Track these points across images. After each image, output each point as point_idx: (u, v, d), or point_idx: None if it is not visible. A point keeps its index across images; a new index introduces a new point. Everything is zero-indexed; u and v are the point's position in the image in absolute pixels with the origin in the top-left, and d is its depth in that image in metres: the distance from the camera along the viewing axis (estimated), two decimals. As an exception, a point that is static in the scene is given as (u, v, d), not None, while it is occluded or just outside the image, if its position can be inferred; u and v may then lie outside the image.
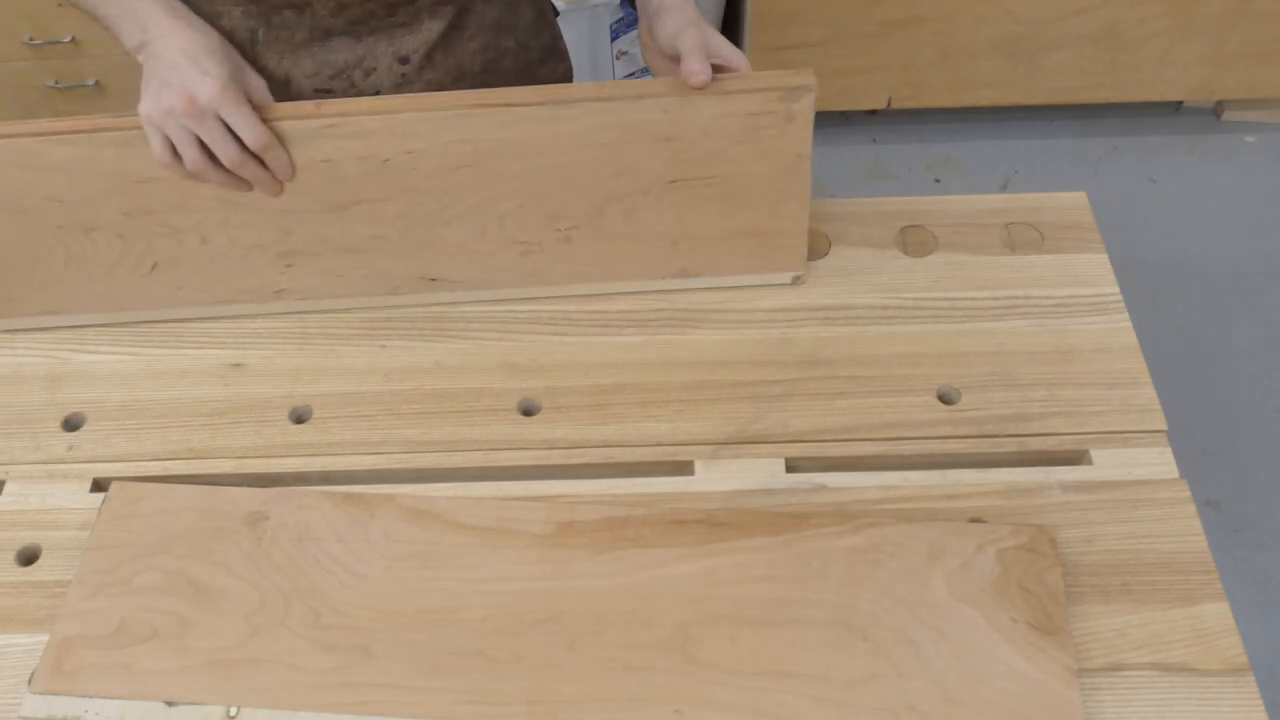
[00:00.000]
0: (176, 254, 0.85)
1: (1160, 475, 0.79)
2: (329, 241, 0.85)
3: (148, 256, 0.85)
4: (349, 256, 0.86)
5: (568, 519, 0.76)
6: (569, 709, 0.68)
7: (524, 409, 0.85)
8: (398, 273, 0.87)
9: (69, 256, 0.85)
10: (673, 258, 0.88)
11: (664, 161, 0.82)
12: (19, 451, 0.84)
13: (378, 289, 0.88)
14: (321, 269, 0.87)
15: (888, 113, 2.13)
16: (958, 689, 0.67)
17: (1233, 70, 2.01)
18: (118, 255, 0.85)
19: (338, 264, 0.87)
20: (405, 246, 0.86)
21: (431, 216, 0.84)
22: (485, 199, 0.83)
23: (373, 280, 0.88)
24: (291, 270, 0.87)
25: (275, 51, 0.89)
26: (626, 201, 0.84)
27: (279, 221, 0.84)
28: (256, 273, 0.87)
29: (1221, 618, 0.72)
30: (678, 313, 0.90)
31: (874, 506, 0.78)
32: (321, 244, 0.85)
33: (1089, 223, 0.96)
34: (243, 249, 0.85)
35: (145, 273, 0.86)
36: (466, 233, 0.85)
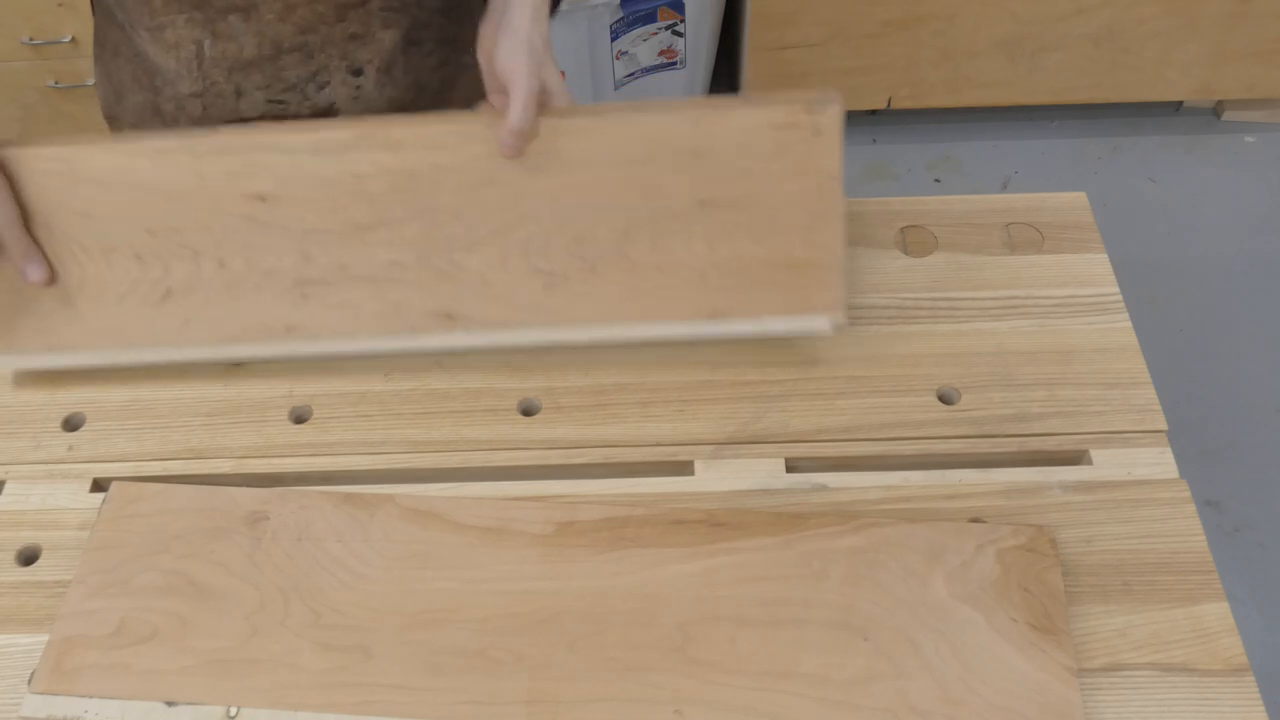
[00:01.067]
0: (192, 280, 0.84)
1: (1160, 475, 0.79)
2: (346, 269, 0.83)
3: (162, 282, 0.84)
4: (365, 287, 0.84)
5: (568, 519, 0.76)
6: (569, 709, 0.68)
7: (524, 409, 0.85)
8: (414, 308, 0.84)
9: (83, 278, 0.84)
10: (704, 294, 0.84)
11: (691, 181, 0.80)
12: (19, 451, 0.84)
13: (392, 327, 0.85)
14: (336, 301, 0.84)
15: (888, 113, 2.13)
16: (958, 689, 0.67)
17: (1233, 70, 2.01)
18: (133, 279, 0.84)
19: (353, 295, 0.84)
20: (423, 276, 0.83)
21: (453, 240, 0.82)
22: (509, 221, 0.82)
23: (387, 317, 0.85)
24: (305, 303, 0.84)
25: (223, 67, 0.88)
26: (653, 226, 0.82)
27: (300, 244, 0.82)
28: (269, 305, 0.84)
29: (1221, 618, 0.72)
30: (678, 313, 0.90)
31: (874, 506, 0.78)
32: (339, 271, 0.83)
33: (1089, 223, 0.96)
34: (259, 276, 0.83)
35: (156, 302, 0.84)
36: (487, 261, 0.83)
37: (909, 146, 2.14)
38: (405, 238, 0.82)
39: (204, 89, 0.90)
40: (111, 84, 0.95)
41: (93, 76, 1.98)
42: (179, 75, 0.89)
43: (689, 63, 2.08)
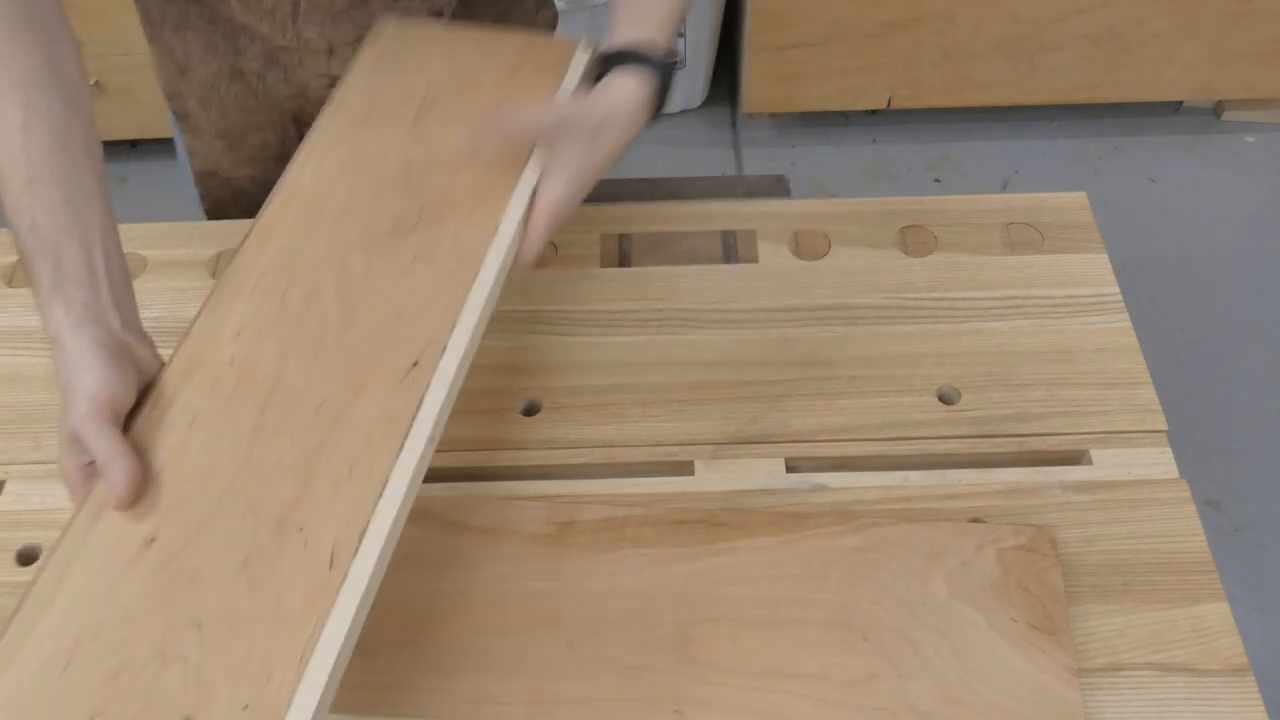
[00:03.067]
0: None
1: (1160, 475, 0.79)
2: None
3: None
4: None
5: (568, 519, 0.76)
6: (569, 709, 0.68)
7: (524, 409, 0.85)
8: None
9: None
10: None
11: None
12: (19, 451, 0.84)
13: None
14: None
15: (888, 113, 2.13)
16: (958, 689, 0.67)
17: (1233, 70, 2.01)
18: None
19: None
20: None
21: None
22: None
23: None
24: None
25: (316, 21, 0.89)
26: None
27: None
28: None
29: (1221, 618, 0.72)
30: (678, 312, 0.90)
31: (874, 506, 0.78)
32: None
33: (1089, 223, 0.96)
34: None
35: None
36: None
37: (909, 146, 2.14)
38: (290, 375, 0.69)
39: (297, 45, 0.91)
40: (174, 61, 0.95)
41: (94, 76, 1.98)
42: (275, 32, 0.90)
43: (689, 63, 2.09)
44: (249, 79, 0.94)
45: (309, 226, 0.74)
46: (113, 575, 0.60)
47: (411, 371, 0.67)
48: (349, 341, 0.68)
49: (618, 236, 0.96)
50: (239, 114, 0.97)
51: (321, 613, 0.58)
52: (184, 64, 0.95)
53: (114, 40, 1.89)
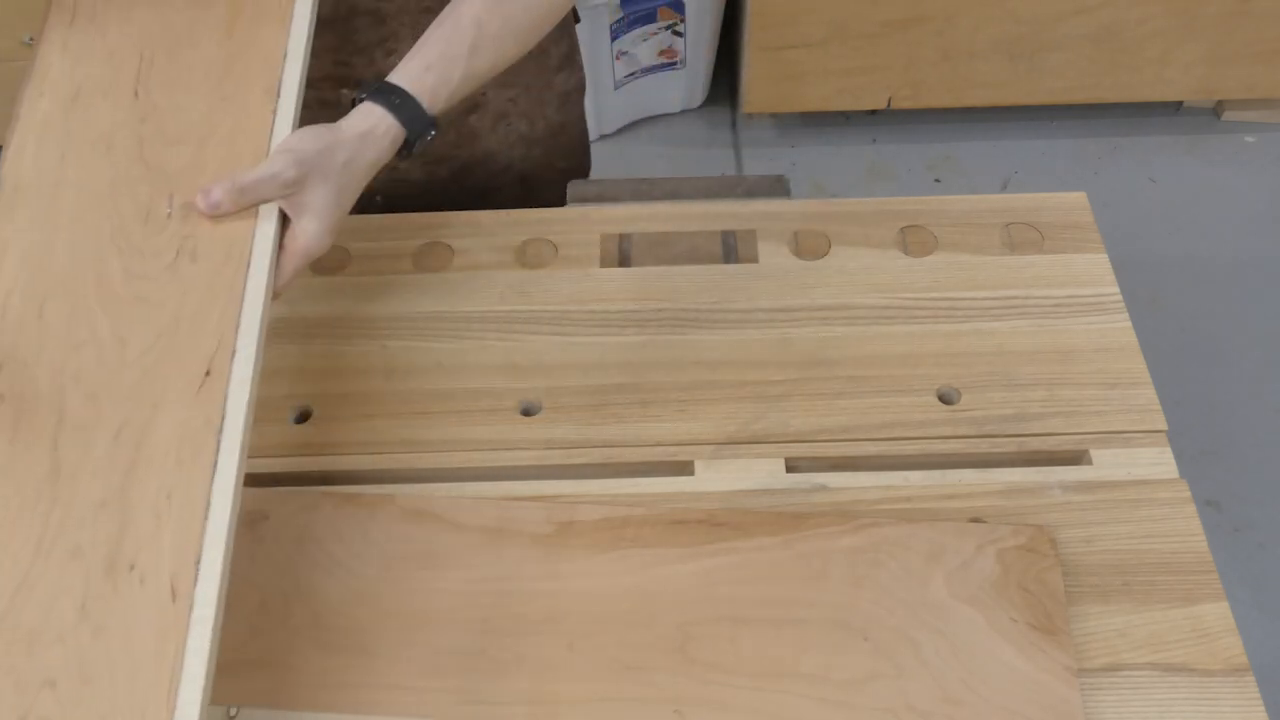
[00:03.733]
0: None
1: (1160, 475, 0.79)
2: None
3: None
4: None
5: (568, 519, 0.76)
6: (569, 709, 0.68)
7: (524, 409, 0.85)
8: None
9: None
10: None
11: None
12: (19, 451, 0.84)
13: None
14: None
15: (888, 113, 2.12)
16: (958, 689, 0.67)
17: (1233, 70, 2.01)
18: None
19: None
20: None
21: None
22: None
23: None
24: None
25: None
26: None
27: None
28: None
29: (1221, 618, 0.72)
30: (678, 313, 0.90)
31: (874, 506, 0.78)
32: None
33: (1089, 223, 0.96)
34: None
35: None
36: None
37: (909, 146, 2.13)
38: (73, 404, 0.66)
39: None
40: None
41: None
42: None
43: (689, 63, 2.08)
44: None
45: (46, 230, 0.69)
46: None
47: (205, 382, 0.64)
48: (130, 361, 0.65)
49: (618, 236, 0.96)
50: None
51: (177, 646, 0.56)
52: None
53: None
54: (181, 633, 0.56)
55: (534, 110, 1.01)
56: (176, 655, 0.56)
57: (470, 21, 0.75)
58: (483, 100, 0.95)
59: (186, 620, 0.56)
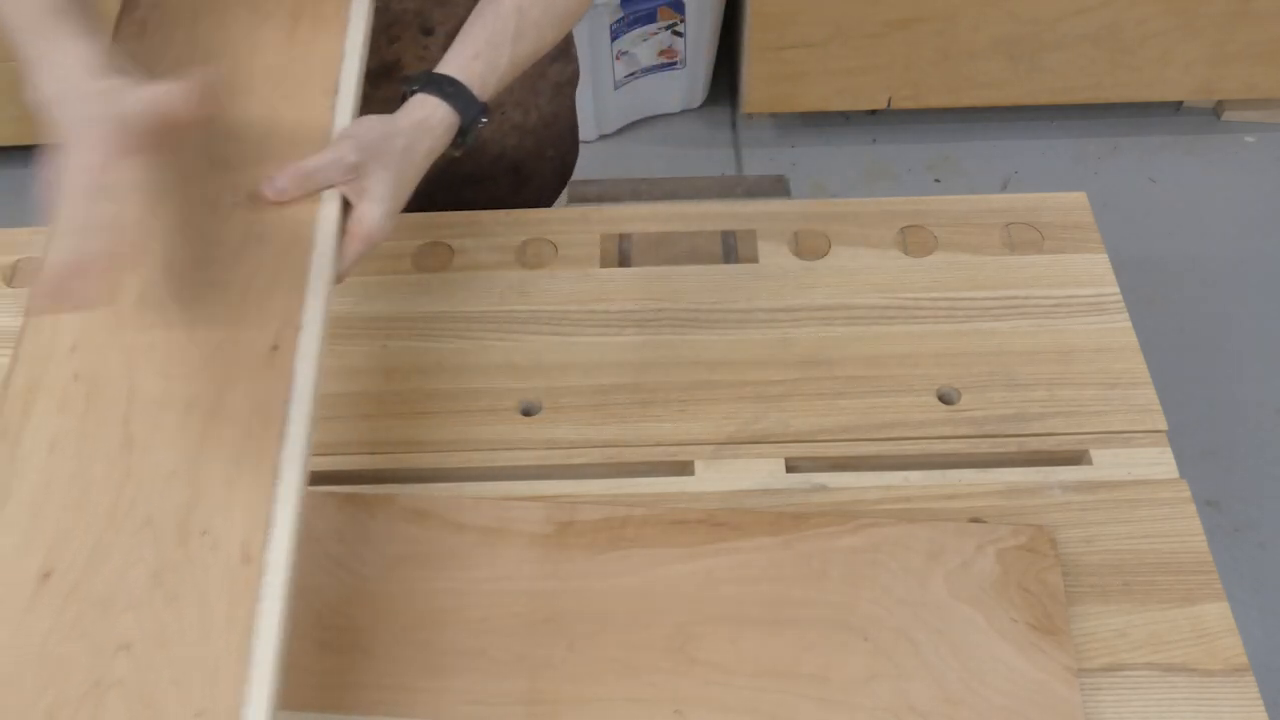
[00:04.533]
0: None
1: (1160, 475, 0.79)
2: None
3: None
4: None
5: (568, 519, 0.76)
6: (569, 709, 0.68)
7: (524, 409, 0.85)
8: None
9: None
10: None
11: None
12: (19, 451, 0.84)
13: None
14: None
15: (888, 113, 2.12)
16: (958, 689, 0.67)
17: (1233, 70, 2.01)
18: None
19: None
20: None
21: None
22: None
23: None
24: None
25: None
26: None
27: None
28: None
29: (1221, 618, 0.72)
30: (678, 313, 0.90)
31: (874, 506, 0.78)
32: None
33: (1089, 223, 0.96)
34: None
35: None
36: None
37: (909, 146, 2.13)
38: (146, 381, 0.68)
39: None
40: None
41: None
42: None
43: (689, 63, 2.08)
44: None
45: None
46: (15, 621, 0.58)
47: (273, 356, 0.65)
48: (198, 340, 0.66)
49: (618, 236, 0.96)
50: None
51: (249, 609, 0.58)
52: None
53: (114, 40, 1.89)
54: (253, 596, 0.58)
55: (528, 100, 1.02)
56: (249, 618, 0.57)
57: (512, 8, 0.77)
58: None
59: (258, 583, 0.58)
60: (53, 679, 0.56)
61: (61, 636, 0.58)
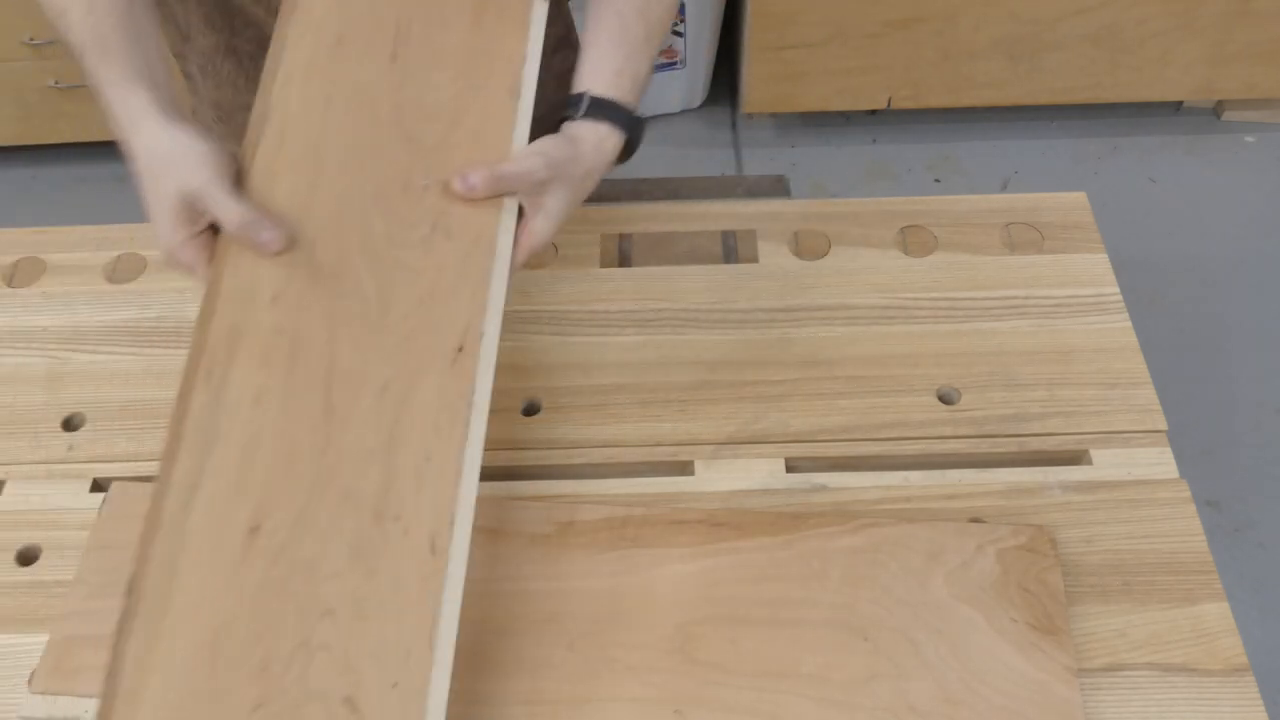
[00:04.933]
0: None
1: (1160, 475, 0.79)
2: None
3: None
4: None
5: (568, 519, 0.76)
6: (569, 709, 0.68)
7: (524, 409, 0.85)
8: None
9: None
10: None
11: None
12: (19, 451, 0.84)
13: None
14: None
15: (888, 113, 2.12)
16: (958, 689, 0.67)
17: (1233, 70, 2.01)
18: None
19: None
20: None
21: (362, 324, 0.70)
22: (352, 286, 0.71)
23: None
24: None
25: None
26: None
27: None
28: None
29: (1221, 618, 0.72)
30: (678, 313, 0.90)
31: (874, 506, 0.78)
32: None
33: (1089, 223, 0.96)
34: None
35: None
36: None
37: (909, 146, 2.14)
38: (344, 352, 0.68)
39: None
40: (177, 27, 0.95)
41: (93, 76, 1.97)
42: (268, 18, 0.89)
43: (689, 63, 2.08)
44: (242, 58, 0.94)
45: (313, 173, 0.71)
46: (227, 569, 0.61)
47: (458, 357, 0.67)
48: (391, 322, 0.68)
49: (618, 236, 0.96)
50: (231, 90, 0.96)
51: (435, 595, 0.61)
52: (186, 31, 0.95)
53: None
54: (439, 583, 0.61)
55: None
56: (435, 604, 0.60)
57: (635, 13, 0.77)
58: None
59: (444, 573, 0.61)
60: (265, 632, 0.59)
61: (272, 593, 0.60)
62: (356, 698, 0.58)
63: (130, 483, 0.80)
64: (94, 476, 0.82)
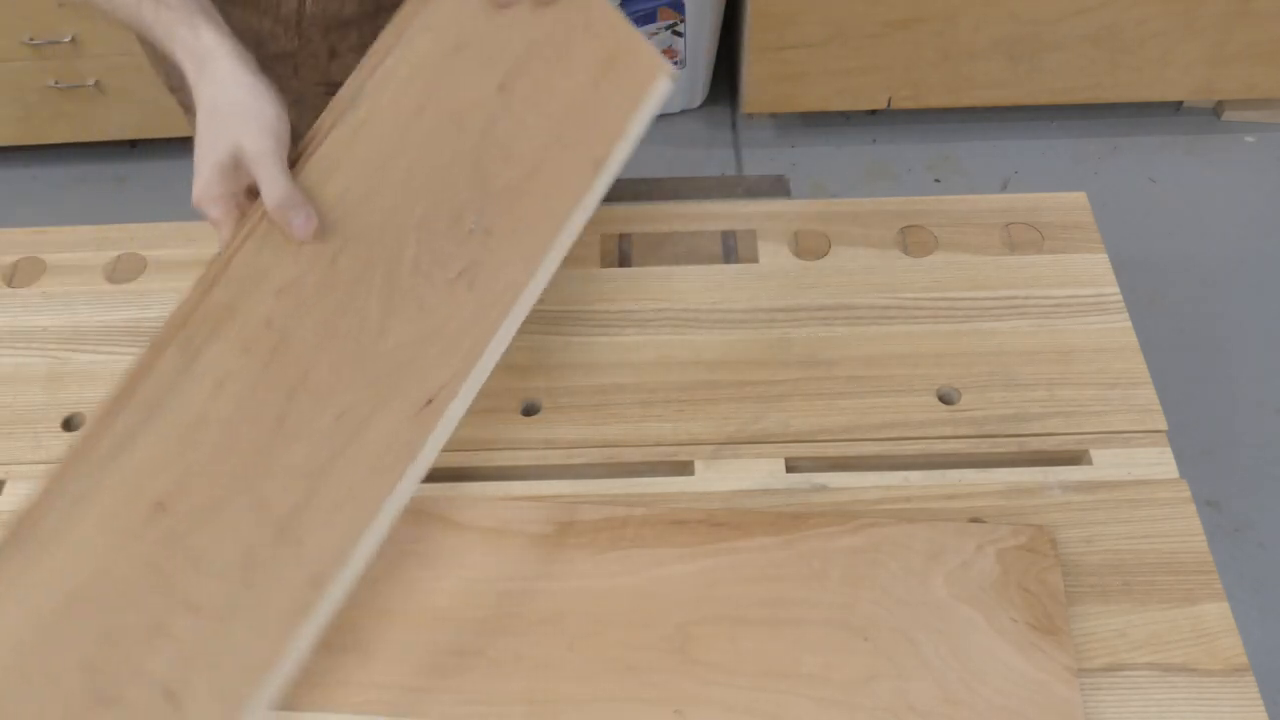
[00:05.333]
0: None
1: (1160, 475, 0.79)
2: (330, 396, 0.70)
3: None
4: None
5: (568, 519, 0.76)
6: (569, 709, 0.68)
7: (524, 409, 0.85)
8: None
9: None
10: (574, 154, 0.73)
11: (491, 113, 0.72)
12: (19, 451, 0.84)
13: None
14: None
15: (888, 113, 2.13)
16: (958, 689, 0.67)
17: (1233, 70, 2.01)
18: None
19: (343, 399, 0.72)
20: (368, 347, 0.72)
21: (360, 329, 0.69)
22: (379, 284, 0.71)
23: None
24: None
25: (320, 25, 0.88)
26: (481, 160, 0.72)
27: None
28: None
29: (1221, 618, 0.72)
30: (678, 313, 0.90)
31: (874, 506, 0.78)
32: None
33: (1089, 223, 0.96)
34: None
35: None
36: (400, 304, 0.70)
37: (909, 146, 2.14)
38: (321, 366, 0.68)
39: (297, 48, 0.89)
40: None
41: (94, 76, 1.98)
42: (272, 35, 0.88)
43: (689, 63, 2.08)
44: None
45: (373, 179, 0.70)
46: (119, 533, 0.61)
47: (424, 410, 0.66)
48: (381, 351, 0.67)
49: (618, 236, 0.96)
50: None
51: (298, 625, 0.60)
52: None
53: (114, 40, 1.89)
54: (304, 619, 0.61)
55: None
56: (292, 637, 0.60)
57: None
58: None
59: (313, 609, 0.61)
60: (126, 606, 0.59)
61: (149, 571, 0.60)
62: (181, 695, 0.58)
63: (130, 483, 0.80)
64: (94, 476, 0.82)
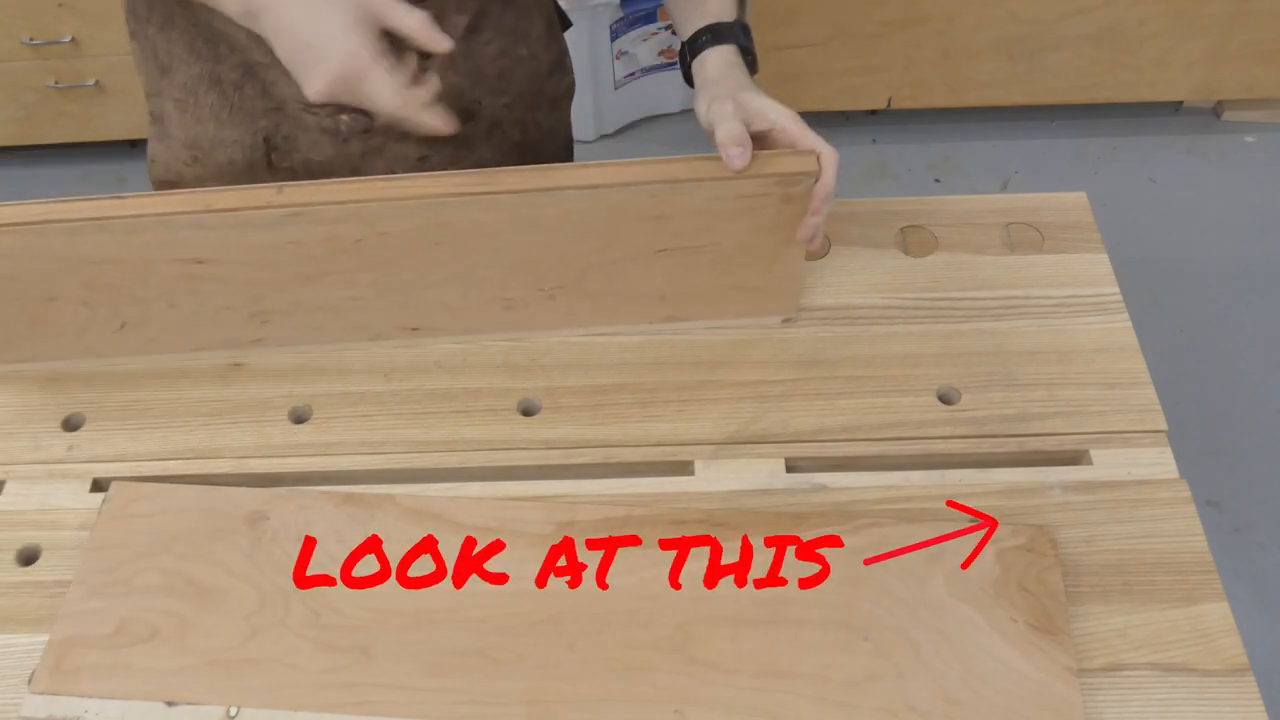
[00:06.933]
0: (144, 315, 0.84)
1: (1160, 475, 0.79)
2: (302, 304, 0.84)
3: (114, 318, 0.84)
4: (325, 313, 0.85)
5: (568, 519, 0.76)
6: (569, 709, 0.68)
7: (524, 409, 0.85)
8: (378, 323, 0.86)
9: (33, 320, 0.84)
10: (660, 308, 0.87)
11: (651, 234, 0.81)
12: (19, 451, 0.84)
13: (359, 336, 0.87)
14: (298, 323, 0.86)
15: (888, 113, 2.13)
16: (958, 689, 0.67)
17: (1233, 70, 2.01)
18: (84, 319, 0.84)
19: (314, 319, 0.85)
20: (384, 305, 0.85)
21: (409, 283, 0.83)
22: (465, 268, 0.82)
23: (353, 329, 0.87)
24: (267, 325, 0.85)
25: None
26: (611, 267, 0.83)
27: (246, 290, 0.82)
28: (230, 328, 0.86)
29: (1221, 618, 0.72)
30: (678, 313, 0.90)
31: (874, 506, 0.78)
32: (295, 305, 0.84)
33: (1089, 223, 0.96)
34: (213, 310, 0.84)
35: (115, 330, 0.85)
36: (447, 293, 0.84)
37: (909, 146, 2.14)
38: (359, 281, 0.82)
39: (276, 59, 0.89)
40: (156, 59, 0.94)
41: (94, 76, 1.98)
42: (252, 43, 0.88)
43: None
44: (226, 88, 0.92)
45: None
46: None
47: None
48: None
49: (618, 236, 0.96)
50: (213, 124, 0.94)
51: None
52: (166, 63, 0.93)
53: (114, 40, 1.90)
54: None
55: (526, 117, 1.02)
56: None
57: None
58: (477, 109, 0.95)
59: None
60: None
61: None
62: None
63: (130, 482, 0.80)
64: (94, 476, 0.82)
